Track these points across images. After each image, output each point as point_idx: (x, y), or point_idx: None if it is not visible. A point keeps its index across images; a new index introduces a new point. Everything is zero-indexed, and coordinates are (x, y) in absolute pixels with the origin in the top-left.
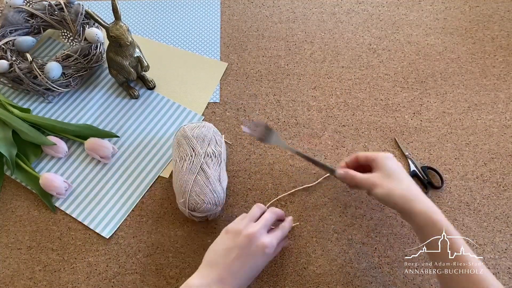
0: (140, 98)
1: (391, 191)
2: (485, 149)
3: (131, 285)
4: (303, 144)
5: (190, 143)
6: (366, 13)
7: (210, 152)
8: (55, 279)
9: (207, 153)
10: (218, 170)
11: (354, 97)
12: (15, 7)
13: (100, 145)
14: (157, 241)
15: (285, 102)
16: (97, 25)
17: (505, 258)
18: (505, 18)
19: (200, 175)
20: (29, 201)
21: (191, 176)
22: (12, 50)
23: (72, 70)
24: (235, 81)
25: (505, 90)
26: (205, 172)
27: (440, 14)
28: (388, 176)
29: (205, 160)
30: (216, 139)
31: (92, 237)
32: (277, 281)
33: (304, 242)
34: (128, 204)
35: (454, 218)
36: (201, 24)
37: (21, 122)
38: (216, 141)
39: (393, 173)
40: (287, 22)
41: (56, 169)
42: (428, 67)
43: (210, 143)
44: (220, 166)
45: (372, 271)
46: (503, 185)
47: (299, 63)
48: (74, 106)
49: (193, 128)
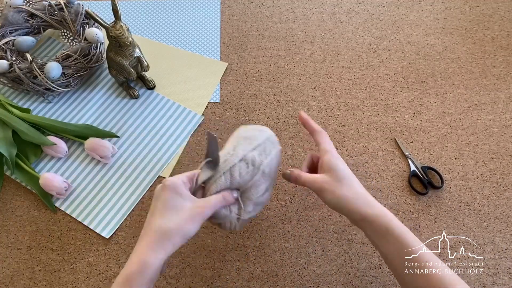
0: (140, 98)
1: (343, 198)
2: (485, 149)
3: None
4: (303, 144)
5: (234, 141)
6: (366, 13)
7: (249, 158)
8: (55, 279)
9: (245, 158)
10: (250, 181)
11: (354, 97)
12: (15, 7)
13: (100, 145)
14: None
15: (285, 102)
16: (97, 25)
17: (505, 258)
18: (505, 18)
19: (225, 176)
20: (29, 201)
21: (217, 174)
22: (12, 50)
23: (72, 70)
24: (235, 81)
25: (505, 90)
26: (232, 177)
27: (440, 14)
28: (339, 180)
29: (239, 164)
30: (266, 147)
31: (92, 237)
32: (277, 281)
33: (304, 242)
34: (128, 204)
35: (454, 218)
36: (201, 24)
37: (21, 122)
38: (265, 149)
39: (344, 177)
40: (287, 22)
41: (56, 169)
42: (428, 67)
43: (257, 148)
44: (254, 179)
45: (372, 271)
46: (503, 185)
47: (299, 63)
48: (74, 106)
49: (247, 129)
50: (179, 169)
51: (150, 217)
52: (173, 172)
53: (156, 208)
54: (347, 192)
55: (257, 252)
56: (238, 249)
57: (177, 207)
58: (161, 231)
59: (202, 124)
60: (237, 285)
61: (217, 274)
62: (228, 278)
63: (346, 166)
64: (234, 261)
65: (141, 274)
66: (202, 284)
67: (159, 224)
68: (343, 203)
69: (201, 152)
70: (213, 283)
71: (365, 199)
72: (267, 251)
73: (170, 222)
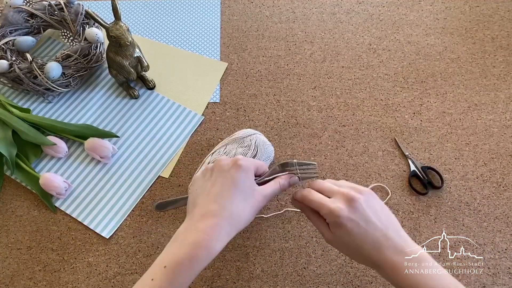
0: (140, 98)
1: (356, 260)
2: (485, 149)
3: (131, 285)
4: (303, 144)
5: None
6: (366, 13)
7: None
8: (55, 279)
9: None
10: None
11: (354, 97)
12: (15, 7)
13: (100, 145)
14: (157, 241)
15: (285, 102)
16: (97, 25)
17: (505, 258)
18: (505, 18)
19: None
20: (29, 201)
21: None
22: (12, 50)
23: (72, 70)
24: (235, 81)
25: (505, 90)
26: None
27: (440, 14)
28: (346, 248)
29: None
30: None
31: (92, 237)
32: (277, 281)
33: (304, 242)
34: (128, 204)
35: (454, 218)
36: (201, 24)
37: (21, 122)
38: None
39: (350, 245)
40: (287, 22)
41: (56, 169)
42: (428, 67)
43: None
44: None
45: (372, 271)
46: (503, 185)
47: (299, 63)
48: (74, 106)
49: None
50: (179, 169)
51: (219, 198)
52: (173, 172)
53: (225, 186)
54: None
55: (257, 252)
56: (238, 249)
57: (247, 193)
58: (231, 217)
59: (202, 124)
60: (237, 285)
61: (217, 274)
62: (228, 278)
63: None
64: (234, 261)
65: (201, 260)
66: (202, 284)
67: (230, 209)
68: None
69: (201, 152)
70: (213, 283)
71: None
72: (267, 251)
73: (240, 209)
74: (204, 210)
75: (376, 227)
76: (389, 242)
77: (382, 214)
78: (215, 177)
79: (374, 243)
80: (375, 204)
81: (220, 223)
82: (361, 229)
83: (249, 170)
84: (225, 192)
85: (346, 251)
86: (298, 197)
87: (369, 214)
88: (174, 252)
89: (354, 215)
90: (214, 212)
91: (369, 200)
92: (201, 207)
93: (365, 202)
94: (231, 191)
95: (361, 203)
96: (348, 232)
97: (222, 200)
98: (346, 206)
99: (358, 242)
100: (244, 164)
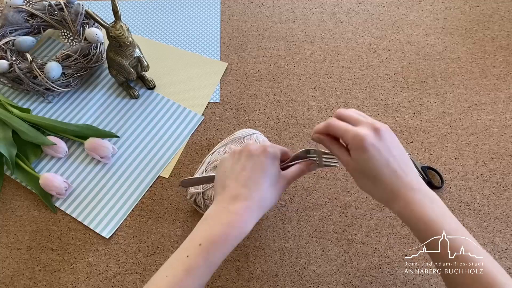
0: (140, 98)
1: (369, 192)
2: (485, 149)
3: (131, 285)
4: (303, 144)
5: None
6: (366, 13)
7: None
8: (55, 279)
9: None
10: None
11: (354, 97)
12: (15, 7)
13: (100, 145)
14: (157, 241)
15: (285, 102)
16: (97, 25)
17: (505, 258)
18: (505, 18)
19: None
20: (29, 201)
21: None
22: (12, 50)
23: (72, 70)
24: (235, 81)
25: (505, 90)
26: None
27: (440, 14)
28: (364, 176)
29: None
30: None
31: (92, 237)
32: (277, 281)
33: (304, 242)
34: (128, 204)
35: None
36: (201, 24)
37: (21, 122)
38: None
39: (369, 173)
40: (287, 22)
41: (56, 169)
42: (428, 67)
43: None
44: None
45: (372, 271)
46: (503, 185)
47: (299, 63)
48: (74, 106)
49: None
50: (179, 169)
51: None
52: (173, 172)
53: (254, 171)
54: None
55: (257, 252)
56: (238, 249)
57: (273, 178)
58: (260, 201)
59: (202, 124)
60: (237, 285)
61: (217, 274)
62: (228, 278)
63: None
64: (234, 261)
65: (234, 239)
66: None
67: (259, 193)
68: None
69: (201, 152)
70: (213, 283)
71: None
72: (267, 251)
73: (268, 193)
74: (235, 193)
75: (395, 158)
76: (404, 175)
77: (401, 149)
78: (245, 161)
79: (391, 173)
80: (394, 139)
81: (250, 206)
82: (382, 156)
83: (276, 156)
84: (255, 176)
85: (364, 179)
86: (320, 127)
87: (390, 145)
88: (208, 231)
89: (378, 142)
90: (244, 195)
91: (391, 133)
92: (232, 189)
93: (388, 133)
94: (260, 176)
95: (385, 133)
96: (370, 157)
97: (252, 184)
98: (372, 132)
99: (379, 170)
100: (272, 151)
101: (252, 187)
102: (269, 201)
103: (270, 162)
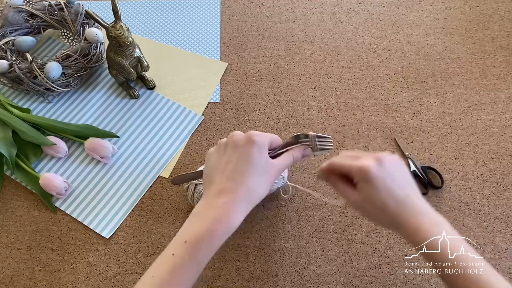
0: (140, 98)
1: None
2: (485, 149)
3: (131, 285)
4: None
5: None
6: (366, 13)
7: None
8: (55, 279)
9: None
10: None
11: (354, 97)
12: (15, 7)
13: (100, 145)
14: (157, 241)
15: (285, 102)
16: (97, 25)
17: (505, 258)
18: (505, 18)
19: None
20: (29, 201)
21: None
22: (12, 50)
23: (72, 70)
24: (235, 81)
25: (505, 90)
26: None
27: (440, 14)
28: (372, 206)
29: None
30: None
31: (92, 237)
32: (277, 281)
33: (304, 242)
34: (128, 204)
35: (454, 218)
36: (201, 24)
37: (21, 122)
38: None
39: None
40: (287, 22)
41: (56, 169)
42: (428, 67)
43: None
44: None
45: (372, 271)
46: (503, 185)
47: (299, 63)
48: (74, 106)
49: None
50: (179, 169)
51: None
52: (173, 172)
53: (240, 163)
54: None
55: (257, 252)
56: (238, 249)
57: (261, 168)
58: (248, 193)
59: (202, 124)
60: (237, 285)
61: (217, 274)
62: (228, 278)
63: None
64: (234, 261)
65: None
66: (202, 284)
67: (246, 185)
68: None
69: (201, 152)
70: (213, 283)
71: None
72: (267, 251)
73: (256, 184)
74: (220, 187)
75: (400, 185)
76: (411, 202)
77: (406, 176)
78: (230, 153)
79: (398, 201)
80: (400, 166)
81: (237, 199)
82: (387, 185)
83: (263, 145)
84: (241, 168)
85: (370, 210)
86: (325, 166)
87: (395, 173)
88: (194, 227)
89: (382, 172)
90: (230, 188)
91: (395, 161)
92: (218, 183)
93: (391, 162)
94: (246, 167)
95: (388, 162)
96: (375, 188)
97: (238, 176)
98: (375, 163)
99: (384, 199)
100: (258, 140)
101: (238, 180)
102: (258, 192)
103: (257, 151)
